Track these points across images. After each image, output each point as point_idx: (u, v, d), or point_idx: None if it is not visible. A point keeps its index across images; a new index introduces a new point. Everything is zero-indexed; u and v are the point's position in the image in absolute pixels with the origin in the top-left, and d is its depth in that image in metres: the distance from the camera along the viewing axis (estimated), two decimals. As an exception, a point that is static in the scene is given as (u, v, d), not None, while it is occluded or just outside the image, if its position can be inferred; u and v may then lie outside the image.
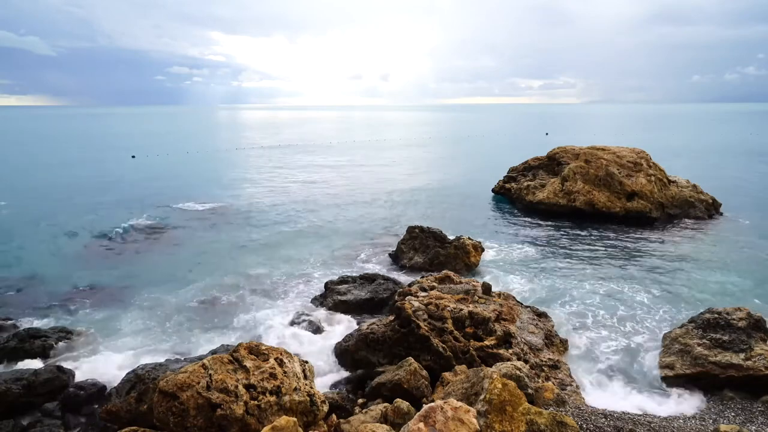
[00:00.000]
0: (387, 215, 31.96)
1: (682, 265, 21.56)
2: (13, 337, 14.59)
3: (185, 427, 8.58)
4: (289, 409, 9.04)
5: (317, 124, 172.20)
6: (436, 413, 7.85)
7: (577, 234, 26.87)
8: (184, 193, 39.71)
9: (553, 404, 10.56)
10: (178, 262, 22.96)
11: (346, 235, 27.31)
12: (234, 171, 53.31)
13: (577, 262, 22.20)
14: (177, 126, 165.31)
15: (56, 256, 23.55)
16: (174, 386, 8.81)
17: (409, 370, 11.34)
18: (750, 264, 21.58)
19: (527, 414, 8.31)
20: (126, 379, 11.49)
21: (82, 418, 11.32)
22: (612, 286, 19.37)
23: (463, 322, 13.42)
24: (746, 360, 12.12)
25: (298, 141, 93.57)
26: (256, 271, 21.51)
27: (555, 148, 37.07)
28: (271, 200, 37.09)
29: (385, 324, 13.71)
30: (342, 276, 19.39)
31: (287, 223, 30.24)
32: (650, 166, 32.21)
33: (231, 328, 16.41)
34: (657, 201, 30.52)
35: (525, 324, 14.46)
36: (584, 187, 31.10)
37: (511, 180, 37.58)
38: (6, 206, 34.51)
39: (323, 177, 48.37)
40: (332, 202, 36.39)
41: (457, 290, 15.53)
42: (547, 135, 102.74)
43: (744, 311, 13.31)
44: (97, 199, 37.39)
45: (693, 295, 18.44)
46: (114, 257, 23.64)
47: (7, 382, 11.67)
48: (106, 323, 16.64)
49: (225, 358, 9.57)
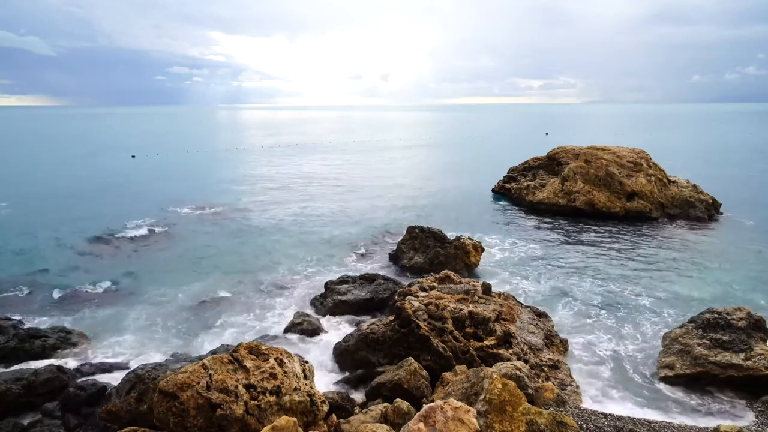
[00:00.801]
0: (387, 215, 31.97)
1: (682, 265, 21.56)
2: (13, 337, 14.59)
3: (185, 427, 8.58)
4: (289, 409, 9.04)
5: (317, 124, 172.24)
6: (436, 413, 7.84)
7: (577, 234, 26.87)
8: (184, 193, 39.73)
9: (553, 404, 10.55)
10: (178, 261, 22.96)
11: (347, 235, 27.31)
12: (234, 171, 53.33)
13: (577, 262, 22.20)
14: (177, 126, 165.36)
15: (56, 257, 23.55)
16: (174, 386, 8.81)
17: (409, 370, 11.33)
18: (750, 264, 21.58)
19: (527, 414, 8.31)
20: (126, 379, 11.48)
21: (82, 418, 11.32)
22: (612, 286, 19.38)
23: (463, 322, 13.42)
24: (746, 360, 12.11)
25: (298, 141, 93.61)
26: (256, 271, 21.52)
27: (555, 148, 37.09)
28: (271, 200, 37.10)
29: (385, 324, 13.71)
30: (342, 276, 19.39)
31: (287, 223, 30.25)
32: (650, 166, 32.21)
33: (231, 328, 16.41)
34: (657, 201, 30.53)
35: (525, 324, 14.46)
36: (584, 187, 31.10)
37: (511, 180, 37.59)
38: (6, 206, 34.51)
39: (323, 177, 48.38)
40: (332, 202, 36.40)
41: (457, 290, 15.53)
42: (547, 135, 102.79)
43: (744, 311, 13.30)
44: (97, 199, 37.41)
45: (693, 295, 18.44)
46: (114, 257, 23.64)
47: (7, 382, 11.67)
48: (106, 323, 16.65)
49: (225, 358, 9.57)
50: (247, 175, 49.82)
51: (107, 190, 40.83)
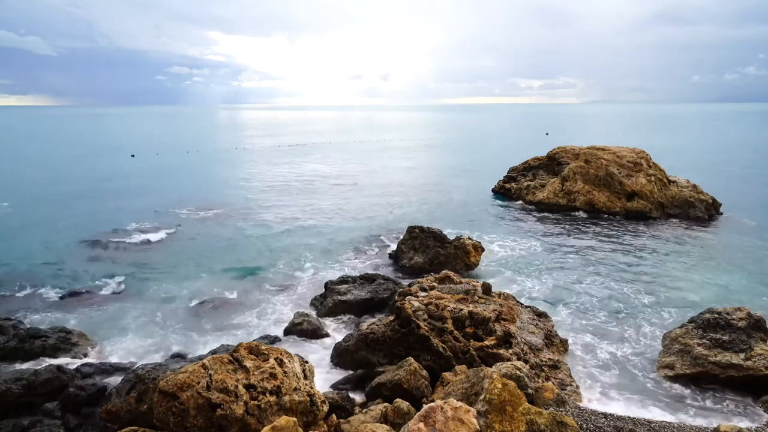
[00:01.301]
0: (387, 215, 31.97)
1: (682, 265, 21.56)
2: (13, 337, 14.58)
3: (185, 427, 8.58)
4: (289, 409, 9.04)
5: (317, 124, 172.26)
6: (436, 413, 7.84)
7: (577, 234, 26.86)
8: (184, 192, 39.73)
9: (553, 404, 10.55)
10: (178, 261, 22.96)
11: (347, 235, 27.31)
12: (234, 171, 53.34)
13: (577, 262, 22.19)
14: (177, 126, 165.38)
15: (56, 256, 23.54)
16: (174, 386, 8.81)
17: (409, 370, 11.33)
18: (750, 264, 21.57)
19: (527, 414, 8.31)
20: (126, 379, 11.49)
21: (82, 418, 11.31)
22: (612, 285, 19.38)
23: (463, 322, 13.42)
24: (746, 360, 12.11)
25: (297, 141, 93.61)
26: (256, 271, 21.52)
27: (555, 148, 37.10)
28: (271, 200, 37.10)
29: (385, 324, 13.70)
30: (342, 276, 19.39)
31: (287, 223, 30.24)
32: (650, 166, 32.21)
33: (231, 328, 16.41)
34: (657, 201, 30.53)
35: (525, 324, 14.45)
36: (584, 187, 31.11)
37: (511, 180, 37.59)
38: (6, 206, 34.51)
39: (323, 177, 48.39)
40: (332, 202, 36.40)
41: (457, 290, 15.52)
42: (547, 135, 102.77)
43: (744, 311, 13.30)
44: (97, 199, 37.41)
45: (693, 295, 18.44)
46: (114, 257, 23.63)
47: (7, 382, 11.67)
48: (107, 323, 16.65)
49: (225, 358, 9.57)
50: (247, 175, 49.81)
51: (107, 190, 40.82)
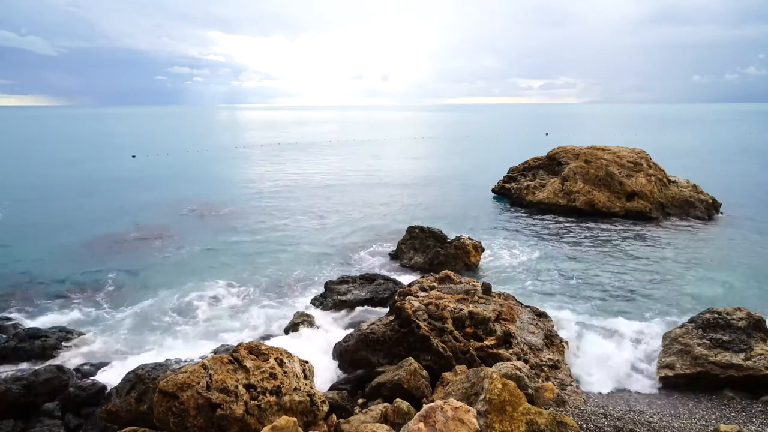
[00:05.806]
0: (387, 215, 31.96)
1: (682, 265, 21.55)
2: (13, 337, 14.59)
3: (185, 427, 8.58)
4: (289, 409, 9.04)
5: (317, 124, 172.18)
6: (436, 413, 7.84)
7: (577, 234, 26.86)
8: (184, 192, 39.73)
9: (553, 404, 10.55)
10: (178, 261, 22.96)
11: (346, 235, 27.31)
12: (234, 171, 53.32)
13: (577, 262, 22.19)
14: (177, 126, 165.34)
15: (56, 256, 23.53)
16: (174, 386, 8.81)
17: (409, 370, 11.33)
18: (750, 264, 21.57)
19: (527, 414, 8.31)
20: (126, 379, 11.48)
21: (82, 418, 11.32)
22: (611, 285, 19.38)
23: (463, 322, 13.41)
24: (746, 360, 12.11)
25: (298, 141, 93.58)
26: (256, 270, 21.52)
27: (555, 148, 37.07)
28: (271, 200, 37.09)
29: (385, 324, 13.70)
30: (342, 276, 19.38)
31: (287, 222, 30.24)
32: (650, 166, 32.21)
33: (231, 328, 16.41)
34: (657, 201, 30.52)
35: (525, 324, 14.45)
36: (584, 187, 31.10)
37: (511, 180, 37.57)
38: (6, 206, 34.50)
39: (323, 177, 48.37)
40: (332, 202, 36.39)
41: (457, 290, 15.52)
42: (547, 135, 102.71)
43: (744, 311, 13.29)
44: (97, 198, 37.40)
45: (693, 295, 18.43)
46: (114, 257, 23.62)
47: (7, 382, 11.68)
48: (107, 323, 16.65)
49: (225, 358, 9.57)
50: (248, 175, 49.81)
51: (107, 190, 40.81)
